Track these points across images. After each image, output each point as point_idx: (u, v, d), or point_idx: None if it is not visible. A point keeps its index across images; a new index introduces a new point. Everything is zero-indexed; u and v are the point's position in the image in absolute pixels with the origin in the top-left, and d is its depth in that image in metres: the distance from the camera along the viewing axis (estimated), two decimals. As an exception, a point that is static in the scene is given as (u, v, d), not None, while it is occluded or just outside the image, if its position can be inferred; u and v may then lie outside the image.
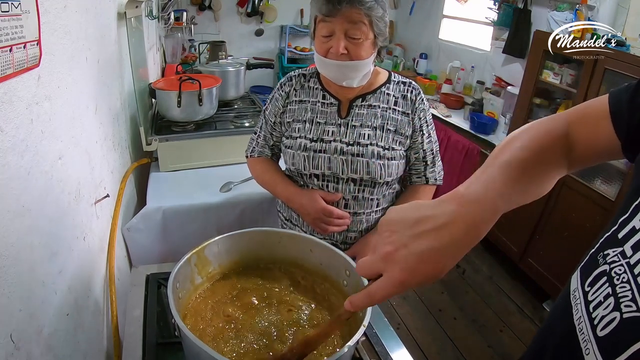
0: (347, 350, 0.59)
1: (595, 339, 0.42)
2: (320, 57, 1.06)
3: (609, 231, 0.48)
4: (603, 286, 0.44)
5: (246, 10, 4.36)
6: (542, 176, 0.56)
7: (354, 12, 0.99)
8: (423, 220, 0.47)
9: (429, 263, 0.46)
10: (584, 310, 0.45)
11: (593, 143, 0.55)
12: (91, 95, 1.05)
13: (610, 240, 0.47)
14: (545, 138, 0.56)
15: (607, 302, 0.43)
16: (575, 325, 0.46)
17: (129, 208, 1.46)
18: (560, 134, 0.56)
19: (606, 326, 0.41)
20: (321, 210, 1.11)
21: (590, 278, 0.47)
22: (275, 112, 1.20)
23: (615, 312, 0.41)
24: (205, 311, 0.74)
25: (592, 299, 0.45)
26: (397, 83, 1.17)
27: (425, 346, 2.19)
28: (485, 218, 0.49)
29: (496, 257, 2.91)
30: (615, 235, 0.46)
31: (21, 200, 0.62)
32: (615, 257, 0.44)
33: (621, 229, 0.46)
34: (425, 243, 0.46)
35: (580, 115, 0.58)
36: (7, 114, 0.58)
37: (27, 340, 0.61)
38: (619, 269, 0.43)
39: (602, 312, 0.43)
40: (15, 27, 0.59)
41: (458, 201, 0.48)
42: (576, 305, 0.47)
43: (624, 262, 0.43)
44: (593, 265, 0.47)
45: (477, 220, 0.48)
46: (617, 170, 2.13)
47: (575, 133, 0.56)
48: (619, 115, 0.52)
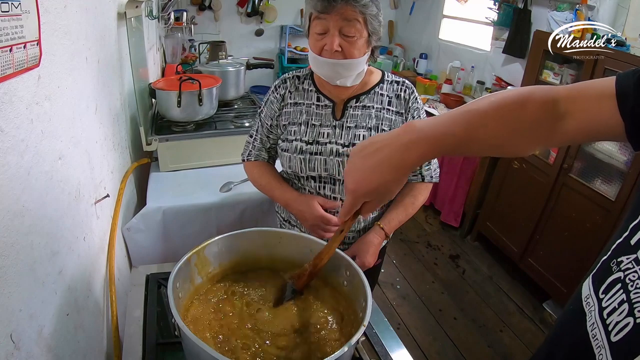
0: (347, 349, 0.59)
1: (609, 344, 0.42)
2: (315, 55, 1.06)
3: (620, 237, 0.48)
4: (617, 293, 0.44)
5: (246, 10, 4.36)
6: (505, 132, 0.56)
7: (348, 10, 0.99)
8: (371, 144, 0.60)
9: (371, 176, 0.59)
10: (597, 316, 0.45)
11: (592, 119, 0.54)
12: (91, 95, 1.05)
13: (622, 247, 0.47)
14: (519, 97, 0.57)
15: (621, 308, 0.43)
16: (589, 332, 0.46)
17: (129, 208, 1.46)
18: (544, 99, 0.55)
19: (620, 332, 0.42)
20: (319, 218, 1.11)
21: (605, 285, 0.47)
22: (271, 115, 1.20)
23: (629, 317, 0.41)
24: (205, 311, 0.74)
25: (607, 305, 0.45)
26: (391, 82, 1.17)
27: (425, 346, 2.19)
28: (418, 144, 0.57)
29: (496, 257, 2.91)
30: (627, 241, 0.46)
31: (21, 200, 0.62)
32: (630, 264, 0.44)
33: (633, 235, 0.46)
34: (366, 160, 0.60)
35: (575, 91, 0.56)
36: (7, 114, 0.58)
37: (27, 340, 0.61)
38: (633, 275, 0.43)
39: (616, 318, 0.43)
40: (15, 27, 0.59)
41: (405, 128, 0.59)
42: (590, 312, 0.47)
43: (638, 269, 0.43)
44: (607, 273, 0.47)
45: (409, 146, 0.57)
46: (617, 170, 2.12)
47: (568, 105, 0.55)
48: (625, 97, 0.51)
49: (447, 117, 0.58)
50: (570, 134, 0.55)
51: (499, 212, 2.81)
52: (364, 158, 0.60)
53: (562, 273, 2.33)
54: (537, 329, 2.35)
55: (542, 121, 0.55)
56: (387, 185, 0.60)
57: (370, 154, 0.59)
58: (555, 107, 0.55)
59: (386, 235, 1.18)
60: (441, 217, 3.27)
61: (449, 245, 3.07)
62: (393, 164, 0.58)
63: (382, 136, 0.60)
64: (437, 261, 2.89)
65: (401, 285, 2.63)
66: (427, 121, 0.58)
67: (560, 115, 0.55)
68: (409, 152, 0.57)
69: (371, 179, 0.59)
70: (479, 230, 3.02)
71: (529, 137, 0.57)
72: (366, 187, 0.60)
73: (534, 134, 0.57)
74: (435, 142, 0.56)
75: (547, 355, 0.55)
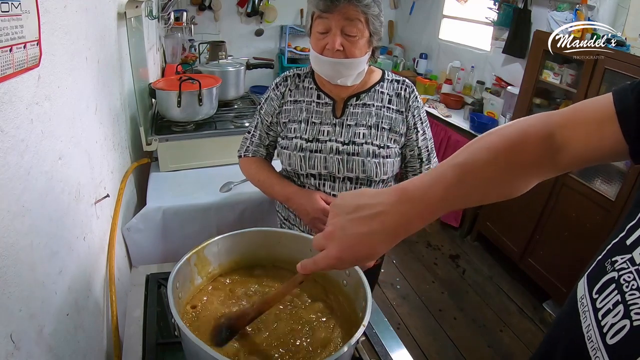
0: (347, 349, 0.59)
1: (605, 347, 0.42)
2: (316, 54, 1.07)
3: (617, 237, 0.47)
4: (612, 293, 0.43)
5: (246, 10, 4.36)
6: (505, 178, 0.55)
7: (351, 9, 1.00)
8: (361, 207, 0.53)
9: (360, 245, 0.53)
10: (592, 318, 0.45)
11: (594, 145, 0.52)
12: (91, 95, 1.05)
13: (618, 246, 0.46)
14: (515, 139, 0.54)
15: (616, 309, 0.42)
16: (584, 334, 0.45)
17: (129, 208, 1.46)
18: (540, 135, 0.54)
19: (616, 334, 0.41)
20: (321, 210, 1.11)
21: (598, 285, 0.46)
22: (271, 112, 1.20)
23: (625, 319, 0.41)
24: (205, 311, 0.74)
25: (601, 306, 0.44)
26: (391, 81, 1.18)
27: (425, 346, 2.19)
28: (419, 215, 0.53)
29: (496, 257, 2.91)
30: (623, 241, 0.46)
31: (21, 200, 0.62)
32: (624, 264, 0.44)
33: (629, 236, 0.45)
34: (358, 228, 0.52)
35: (569, 117, 0.54)
36: (7, 114, 0.58)
37: (27, 340, 0.61)
38: (628, 276, 0.43)
39: (611, 319, 0.42)
40: (15, 27, 0.59)
41: (398, 195, 0.53)
42: (584, 313, 0.47)
43: (634, 269, 0.42)
44: (601, 272, 0.46)
45: (410, 216, 0.53)
46: (617, 170, 2.13)
47: (565, 134, 0.53)
48: (627, 116, 0.49)
49: (440, 177, 0.54)
50: (570, 162, 0.54)
51: (499, 212, 2.81)
52: (353, 224, 0.53)
53: (562, 273, 2.33)
54: (537, 329, 2.35)
55: (541, 157, 0.54)
56: (376, 254, 0.54)
57: (361, 220, 0.52)
58: (552, 141, 0.53)
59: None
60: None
61: (449, 245, 3.07)
62: (386, 235, 0.53)
63: (372, 197, 0.54)
64: (437, 261, 2.89)
65: (401, 285, 2.63)
66: (421, 186, 0.54)
67: (558, 148, 0.54)
68: (406, 225, 0.53)
69: (361, 249, 0.53)
70: (479, 230, 3.02)
71: (529, 176, 0.56)
72: (354, 256, 0.53)
73: (534, 171, 0.55)
74: (433, 212, 0.53)
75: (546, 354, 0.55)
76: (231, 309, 0.75)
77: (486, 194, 0.56)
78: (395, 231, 0.53)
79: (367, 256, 0.53)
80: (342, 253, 0.53)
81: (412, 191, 0.53)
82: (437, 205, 0.53)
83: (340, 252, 0.53)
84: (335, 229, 0.54)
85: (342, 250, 0.53)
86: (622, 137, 0.49)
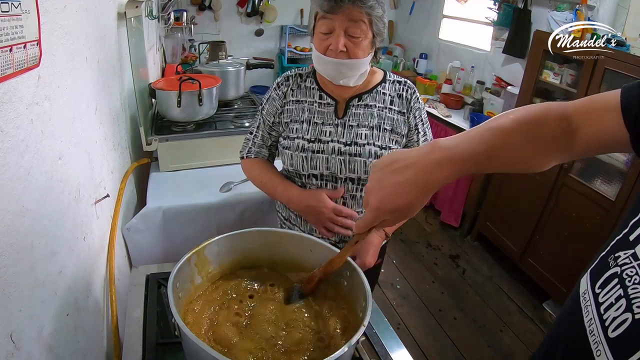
0: (347, 349, 0.59)
1: (606, 340, 0.42)
2: (319, 55, 1.07)
3: (620, 234, 0.48)
4: (614, 288, 0.44)
5: (246, 10, 4.36)
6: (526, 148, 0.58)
7: (355, 10, 1.00)
8: (396, 160, 0.59)
9: (395, 194, 0.58)
10: (594, 311, 0.46)
11: (599, 131, 0.56)
12: (91, 95, 1.05)
13: (621, 242, 0.47)
14: (538, 114, 0.59)
15: (618, 303, 0.43)
16: (586, 327, 0.46)
17: (129, 208, 1.46)
18: (560, 115, 0.58)
19: (618, 327, 0.42)
20: (333, 209, 1.11)
21: (601, 280, 0.47)
22: (273, 112, 1.20)
23: (627, 313, 0.41)
24: (205, 311, 0.74)
25: (603, 300, 0.45)
26: (393, 82, 1.17)
27: (425, 346, 2.19)
28: (449, 162, 0.57)
29: (496, 257, 2.91)
30: (626, 237, 0.47)
31: (21, 200, 0.62)
32: (627, 259, 0.45)
33: (632, 232, 0.46)
34: (392, 178, 0.58)
35: (587, 105, 0.59)
36: (7, 114, 0.58)
37: (27, 340, 0.61)
38: (630, 270, 0.43)
39: (613, 313, 0.43)
40: (15, 27, 0.59)
41: (431, 146, 0.59)
42: (586, 307, 0.47)
43: (636, 264, 0.43)
44: (604, 268, 0.47)
45: (440, 162, 0.57)
46: (617, 170, 2.13)
47: (580, 119, 0.57)
48: (629, 108, 0.52)
49: (471, 135, 0.59)
50: (583, 146, 0.58)
51: (499, 212, 2.81)
52: (389, 175, 0.58)
53: (562, 273, 2.33)
54: (537, 329, 2.35)
55: (560, 136, 0.58)
56: (412, 204, 0.58)
57: (396, 171, 0.58)
58: (569, 122, 0.57)
59: (386, 235, 1.18)
60: (441, 217, 3.27)
61: (449, 245, 3.07)
62: (419, 183, 0.57)
63: (406, 153, 0.59)
64: (437, 261, 2.89)
65: (401, 285, 2.63)
66: (453, 140, 0.59)
67: (574, 130, 0.57)
68: (436, 171, 0.57)
69: (397, 198, 0.58)
70: (479, 230, 3.02)
71: (549, 152, 0.59)
72: (391, 205, 0.58)
73: (553, 148, 0.59)
74: (462, 161, 0.57)
75: (547, 353, 0.55)
76: (231, 309, 0.75)
77: (511, 161, 0.59)
78: (427, 179, 0.57)
79: (405, 206, 0.58)
80: (380, 203, 0.59)
81: (443, 142, 0.58)
82: (466, 160, 0.57)
83: (379, 202, 0.59)
84: (372, 183, 0.60)
85: (379, 201, 0.59)
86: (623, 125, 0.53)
